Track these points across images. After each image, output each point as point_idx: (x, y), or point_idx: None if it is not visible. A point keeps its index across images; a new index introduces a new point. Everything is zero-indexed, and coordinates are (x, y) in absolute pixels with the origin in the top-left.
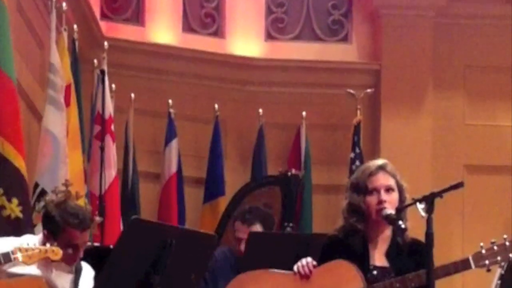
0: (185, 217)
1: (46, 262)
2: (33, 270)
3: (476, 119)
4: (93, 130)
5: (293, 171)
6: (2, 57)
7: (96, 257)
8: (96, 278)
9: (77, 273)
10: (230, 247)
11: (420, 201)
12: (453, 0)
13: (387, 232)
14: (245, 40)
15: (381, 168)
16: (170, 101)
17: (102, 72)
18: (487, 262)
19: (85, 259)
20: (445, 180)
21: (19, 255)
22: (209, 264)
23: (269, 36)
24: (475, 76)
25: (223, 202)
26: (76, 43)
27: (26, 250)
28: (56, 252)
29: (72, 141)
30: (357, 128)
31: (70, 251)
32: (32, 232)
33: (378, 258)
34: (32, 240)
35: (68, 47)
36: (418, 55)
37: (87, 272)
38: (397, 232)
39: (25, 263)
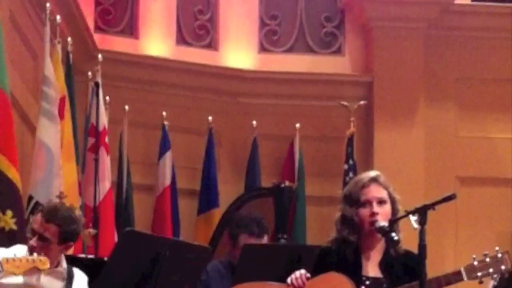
0: (179, 229)
1: (33, 271)
2: (20, 279)
3: (468, 131)
4: (87, 142)
5: (287, 182)
6: None
7: (90, 269)
8: None
9: (69, 279)
10: (221, 260)
11: (413, 213)
12: (445, 13)
13: (380, 243)
14: (239, 52)
15: (374, 180)
16: (164, 113)
17: (96, 84)
18: (479, 274)
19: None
20: (438, 192)
21: (6, 266)
22: (201, 277)
23: (263, 48)
24: (466, 88)
25: (217, 214)
26: (70, 56)
27: (14, 260)
28: (44, 262)
29: (66, 153)
30: (350, 139)
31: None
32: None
33: (372, 269)
34: (21, 250)
35: (62, 60)
36: (410, 67)
37: (80, 278)
38: (390, 244)
39: (13, 273)
